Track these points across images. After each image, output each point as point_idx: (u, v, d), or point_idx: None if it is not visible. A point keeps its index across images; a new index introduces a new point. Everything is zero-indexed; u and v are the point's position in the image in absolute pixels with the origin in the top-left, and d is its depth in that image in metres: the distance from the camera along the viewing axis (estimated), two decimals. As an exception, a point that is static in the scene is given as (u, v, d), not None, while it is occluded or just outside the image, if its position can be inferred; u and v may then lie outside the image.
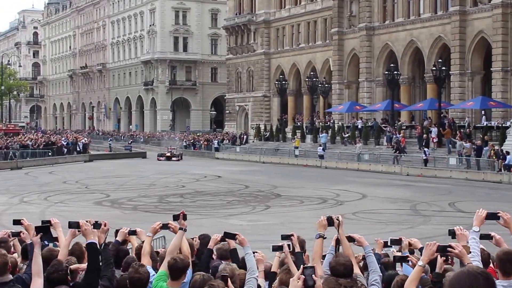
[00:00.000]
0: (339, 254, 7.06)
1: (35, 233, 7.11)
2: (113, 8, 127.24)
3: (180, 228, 7.75)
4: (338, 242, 7.51)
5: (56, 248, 8.25)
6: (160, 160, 69.34)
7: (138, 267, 7.12)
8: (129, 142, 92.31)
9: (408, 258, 7.40)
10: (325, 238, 7.44)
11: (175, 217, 7.86)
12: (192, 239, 8.78)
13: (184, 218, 7.83)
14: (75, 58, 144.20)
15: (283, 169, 58.21)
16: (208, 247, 8.40)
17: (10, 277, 7.10)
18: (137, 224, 12.64)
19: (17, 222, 7.99)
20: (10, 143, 66.35)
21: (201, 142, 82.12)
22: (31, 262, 6.99)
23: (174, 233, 7.84)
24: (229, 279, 6.86)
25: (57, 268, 6.96)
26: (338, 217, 7.51)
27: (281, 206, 33.36)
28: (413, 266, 6.93)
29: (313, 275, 5.73)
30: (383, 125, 62.04)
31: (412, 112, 64.21)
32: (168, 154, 70.39)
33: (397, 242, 8.21)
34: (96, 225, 7.70)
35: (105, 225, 7.95)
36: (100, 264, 7.13)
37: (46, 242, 8.12)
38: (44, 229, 7.19)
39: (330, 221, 7.47)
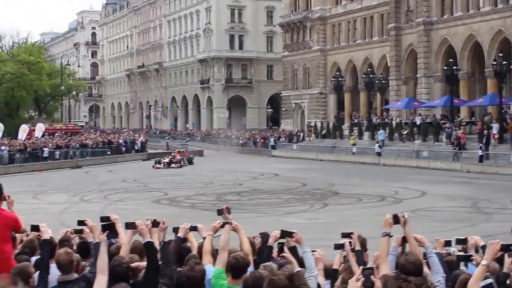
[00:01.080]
0: (409, 252, 6.96)
1: (101, 231, 7.24)
2: (169, 7, 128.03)
3: (226, 223, 7.72)
4: (404, 240, 7.36)
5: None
6: (158, 168, 58.49)
7: (194, 265, 7.14)
8: (186, 140, 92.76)
9: (472, 258, 7.44)
10: (391, 236, 7.30)
11: (219, 212, 7.83)
12: (253, 238, 8.73)
13: (228, 212, 7.79)
14: (132, 57, 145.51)
15: (340, 166, 57.87)
16: (268, 244, 8.39)
17: (75, 275, 7.25)
18: (195, 222, 12.54)
19: (81, 222, 8.03)
20: (70, 143, 67.22)
21: (258, 140, 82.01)
22: (96, 260, 7.05)
23: (234, 231, 7.83)
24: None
25: (120, 262, 6.98)
26: (403, 214, 7.39)
27: (339, 204, 33.24)
28: (477, 265, 6.85)
29: (371, 276, 5.79)
30: (442, 121, 61.12)
31: (472, 107, 63.26)
32: (167, 160, 60.28)
33: (463, 241, 8.08)
34: (155, 224, 7.65)
35: (163, 223, 7.92)
36: (159, 262, 7.12)
37: (113, 241, 8.24)
38: (110, 227, 7.32)
39: (396, 219, 7.33)
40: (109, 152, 69.00)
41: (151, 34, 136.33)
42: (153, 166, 58.27)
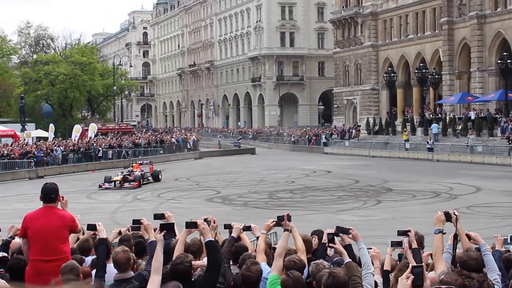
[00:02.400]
0: (469, 249, 7.00)
1: (159, 230, 7.22)
2: (220, 6, 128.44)
3: (286, 230, 7.72)
4: (456, 237, 7.42)
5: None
6: (108, 188, 42.04)
7: (251, 265, 7.16)
8: (238, 138, 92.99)
9: None
10: (445, 233, 7.32)
11: (280, 219, 7.84)
12: (311, 236, 8.82)
13: (289, 219, 7.79)
14: (183, 56, 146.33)
15: (393, 163, 57.46)
16: (322, 241, 8.35)
17: (132, 273, 7.36)
18: (248, 221, 12.51)
19: (136, 222, 8.18)
20: (122, 142, 67.82)
21: (311, 137, 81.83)
22: (151, 259, 7.11)
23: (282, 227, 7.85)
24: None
25: (182, 259, 7.01)
26: (455, 211, 7.46)
27: (392, 200, 33.07)
28: None
29: (422, 275, 5.71)
30: (497, 115, 60.27)
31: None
32: (119, 178, 42.88)
33: None
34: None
35: (214, 222, 8.13)
36: (219, 261, 7.21)
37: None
38: (169, 227, 7.33)
39: (447, 216, 7.39)
40: (161, 151, 69.48)
41: (202, 33, 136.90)
42: (100, 186, 42.02)
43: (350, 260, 7.20)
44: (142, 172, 44.85)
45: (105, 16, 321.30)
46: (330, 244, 7.79)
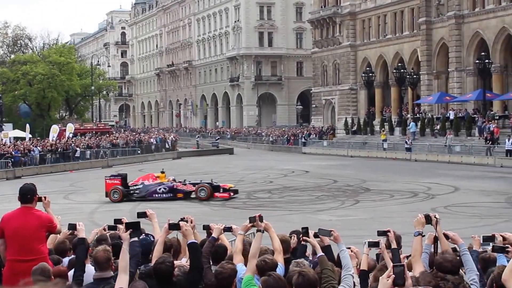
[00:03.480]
0: (446, 251, 7.00)
1: (124, 229, 7.26)
2: (198, 6, 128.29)
3: (258, 230, 7.72)
4: (436, 239, 7.45)
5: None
6: None
7: (224, 263, 7.28)
8: (216, 138, 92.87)
9: (508, 250, 7.46)
10: (424, 236, 7.41)
11: (252, 220, 7.84)
12: (290, 237, 8.77)
13: (261, 220, 7.78)
14: (161, 56, 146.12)
15: (372, 162, 57.56)
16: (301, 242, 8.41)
17: (111, 273, 7.32)
18: (226, 221, 12.44)
19: (117, 221, 8.13)
20: (100, 142, 67.59)
21: (290, 137, 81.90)
22: (133, 258, 7.20)
23: (265, 230, 7.85)
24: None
25: (164, 259, 7.08)
26: (435, 214, 7.49)
27: (370, 200, 33.13)
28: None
29: (403, 274, 5.71)
30: (475, 115, 60.61)
31: (505, 101, 62.48)
32: None
33: (490, 239, 7.98)
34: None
35: (191, 222, 8.04)
36: (201, 263, 7.32)
37: (151, 239, 8.52)
38: (134, 225, 7.32)
39: (428, 219, 7.44)
40: (139, 151, 69.33)
41: (180, 33, 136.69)
42: None
43: (323, 254, 7.27)
44: None
45: (83, 16, 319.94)
46: (304, 238, 7.81)
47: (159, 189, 34.98)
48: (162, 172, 36.92)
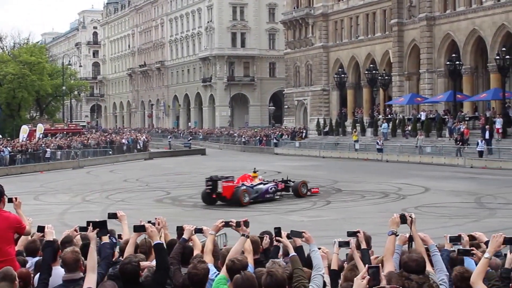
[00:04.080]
0: (412, 250, 7.05)
1: (91, 228, 7.30)
2: (171, 6, 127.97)
3: (243, 235, 7.78)
4: (411, 239, 7.52)
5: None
6: None
7: (197, 263, 7.20)
8: (188, 139, 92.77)
9: (472, 252, 7.55)
10: (398, 235, 7.47)
11: (237, 224, 7.88)
12: (262, 237, 8.84)
13: (246, 225, 7.85)
14: (134, 56, 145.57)
15: (344, 163, 57.76)
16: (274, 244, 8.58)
17: (81, 274, 7.22)
18: (197, 221, 12.45)
19: (112, 215, 8.37)
20: (71, 143, 67.19)
21: (262, 137, 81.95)
22: (105, 260, 7.27)
23: (236, 231, 7.90)
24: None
25: (130, 259, 7.06)
26: (411, 214, 7.51)
27: (342, 201, 33.25)
28: (478, 260, 7.17)
29: (378, 275, 5.75)
30: (445, 116, 61.05)
31: (475, 102, 62.97)
32: None
33: (457, 239, 8.08)
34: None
35: (159, 224, 8.05)
36: (168, 263, 7.34)
37: (113, 240, 8.49)
38: (101, 224, 7.34)
39: (403, 219, 7.47)
40: (111, 152, 68.98)
41: (152, 33, 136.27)
42: None
43: (295, 254, 7.30)
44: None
45: (54, 15, 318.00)
46: (277, 238, 7.82)
47: (270, 188, 33.83)
48: (255, 172, 35.86)
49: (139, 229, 7.70)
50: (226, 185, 32.05)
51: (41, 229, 8.36)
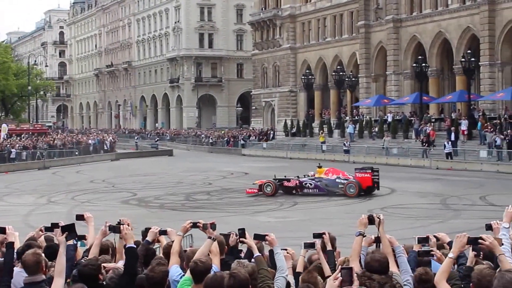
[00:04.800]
0: (376, 250, 7.13)
1: (60, 232, 7.13)
2: (138, 6, 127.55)
3: (209, 237, 7.70)
4: (378, 240, 7.55)
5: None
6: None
7: (156, 265, 7.22)
8: (156, 140, 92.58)
9: (432, 253, 7.60)
10: (365, 236, 7.50)
11: (204, 227, 7.81)
12: (229, 234, 8.71)
13: (213, 228, 7.77)
14: (101, 56, 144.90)
15: (311, 164, 57.75)
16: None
17: (43, 277, 7.08)
18: (164, 223, 12.40)
19: (55, 225, 8.08)
20: (37, 143, 66.66)
21: (230, 138, 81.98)
22: (67, 262, 7.05)
23: (203, 232, 7.84)
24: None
25: (89, 262, 7.04)
26: (379, 215, 7.56)
27: (309, 202, 33.15)
28: (438, 260, 7.35)
29: (350, 276, 5.79)
30: (412, 118, 61.55)
31: (441, 104, 63.61)
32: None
33: (425, 240, 8.06)
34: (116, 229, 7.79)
35: (128, 225, 7.89)
36: (136, 269, 7.27)
37: (75, 241, 8.24)
38: (70, 228, 7.20)
39: (371, 220, 7.52)
40: (77, 153, 68.56)
41: (119, 33, 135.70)
42: None
43: (260, 254, 7.28)
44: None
45: (20, 14, 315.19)
46: (241, 239, 7.78)
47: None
48: (320, 167, 37.50)
49: (114, 229, 7.68)
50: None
51: (2, 230, 8.22)
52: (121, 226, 7.58)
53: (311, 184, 35.25)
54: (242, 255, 8.71)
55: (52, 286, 6.67)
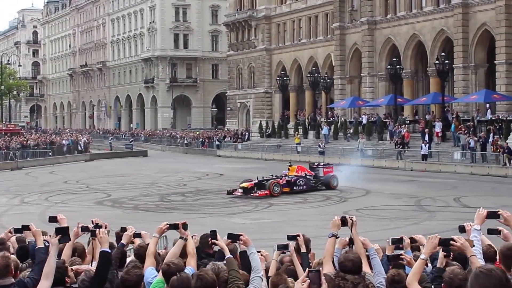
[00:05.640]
0: (349, 250, 7.12)
1: (54, 234, 7.14)
2: (113, 6, 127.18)
3: (181, 237, 7.75)
4: (351, 241, 7.51)
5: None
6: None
7: (131, 268, 7.27)
8: (130, 140, 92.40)
9: (401, 257, 7.58)
10: (338, 237, 7.47)
11: (175, 226, 7.82)
12: (192, 237, 8.53)
13: (185, 227, 7.79)
14: (75, 56, 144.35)
15: (285, 166, 57.79)
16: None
17: (12, 280, 7.01)
18: (138, 223, 12.34)
19: (25, 227, 8.08)
20: (10, 143, 66.23)
21: (203, 139, 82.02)
22: (39, 265, 7.01)
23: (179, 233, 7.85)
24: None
25: (57, 265, 6.91)
26: (352, 217, 7.52)
27: (284, 203, 33.31)
28: (408, 264, 7.33)
29: (318, 279, 5.82)
30: (386, 120, 61.89)
31: (415, 106, 64.08)
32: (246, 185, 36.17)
33: (399, 241, 8.15)
34: (93, 233, 7.78)
35: (105, 227, 7.90)
36: (107, 273, 7.17)
37: (46, 243, 7.94)
38: (64, 231, 7.26)
39: (344, 221, 7.48)
40: (51, 153, 68.22)
41: (94, 33, 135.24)
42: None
43: (231, 256, 7.27)
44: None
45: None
46: (212, 241, 7.73)
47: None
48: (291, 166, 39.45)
49: (90, 233, 7.72)
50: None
51: None
52: (97, 229, 7.51)
53: (302, 181, 37.34)
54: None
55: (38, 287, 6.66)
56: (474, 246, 6.53)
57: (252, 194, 35.00)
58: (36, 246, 7.39)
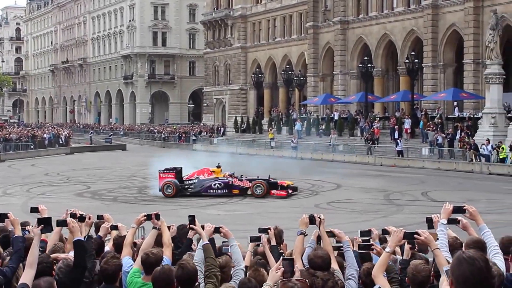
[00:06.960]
0: (318, 247, 7.26)
1: (36, 224, 7.07)
2: (94, 4, 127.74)
3: (154, 227, 7.89)
4: (319, 238, 7.63)
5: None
6: None
7: (110, 258, 7.31)
8: (109, 135, 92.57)
9: (372, 247, 7.82)
10: (306, 235, 7.62)
11: (148, 217, 7.99)
12: (169, 227, 8.43)
13: (157, 217, 7.92)
14: (56, 53, 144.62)
15: (260, 160, 58.10)
16: (187, 237, 8.43)
17: None
18: (116, 215, 13.24)
19: (3, 216, 7.75)
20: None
21: (181, 134, 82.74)
22: (16, 253, 7.04)
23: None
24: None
25: (42, 260, 6.89)
26: (320, 215, 7.64)
27: (256, 196, 33.36)
28: (378, 254, 7.52)
29: (292, 266, 6.10)
30: (357, 116, 62.55)
31: (385, 103, 64.82)
32: None
33: (367, 233, 8.28)
34: (81, 218, 7.94)
35: (89, 219, 8.11)
36: (86, 261, 7.14)
37: (24, 232, 8.36)
38: (46, 221, 7.11)
39: (312, 219, 7.59)
40: (32, 146, 68.39)
41: (75, 30, 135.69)
42: None
43: (208, 242, 7.20)
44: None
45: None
46: (190, 226, 7.65)
47: (214, 184, 33.86)
48: (218, 167, 35.60)
49: (61, 224, 7.50)
50: (164, 176, 34.14)
51: None
52: (68, 219, 7.42)
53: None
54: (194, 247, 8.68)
55: (23, 277, 6.53)
56: (438, 239, 6.55)
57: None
58: (14, 235, 7.31)
